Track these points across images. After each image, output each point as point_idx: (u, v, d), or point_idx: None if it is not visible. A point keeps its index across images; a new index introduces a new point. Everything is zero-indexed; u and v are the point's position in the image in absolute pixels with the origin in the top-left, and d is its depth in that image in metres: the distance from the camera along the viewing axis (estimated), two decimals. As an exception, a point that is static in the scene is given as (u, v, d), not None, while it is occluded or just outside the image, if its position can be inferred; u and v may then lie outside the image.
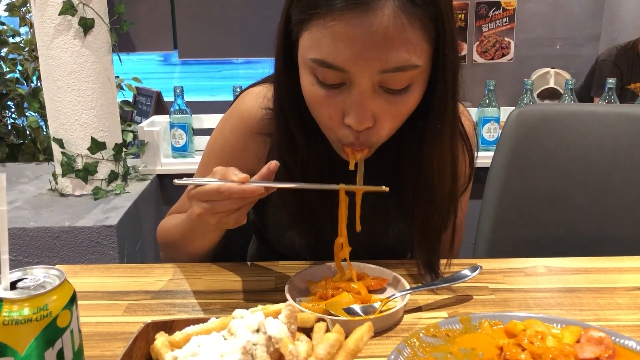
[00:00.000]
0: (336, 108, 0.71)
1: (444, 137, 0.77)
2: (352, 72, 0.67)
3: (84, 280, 0.83)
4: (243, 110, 0.89)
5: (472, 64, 4.96)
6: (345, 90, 0.69)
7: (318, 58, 0.68)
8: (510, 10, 4.94)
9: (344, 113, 0.70)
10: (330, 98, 0.70)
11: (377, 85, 0.68)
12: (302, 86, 0.74)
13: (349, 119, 0.70)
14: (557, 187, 1.18)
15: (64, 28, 1.69)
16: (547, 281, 0.83)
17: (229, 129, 0.91)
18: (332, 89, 0.70)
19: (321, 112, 0.73)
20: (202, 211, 0.70)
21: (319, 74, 0.69)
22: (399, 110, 0.71)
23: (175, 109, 2.04)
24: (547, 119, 1.18)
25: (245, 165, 0.87)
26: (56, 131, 1.77)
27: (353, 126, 0.70)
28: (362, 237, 0.90)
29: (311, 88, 0.71)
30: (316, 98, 0.72)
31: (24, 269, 0.58)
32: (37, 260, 1.56)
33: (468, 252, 1.22)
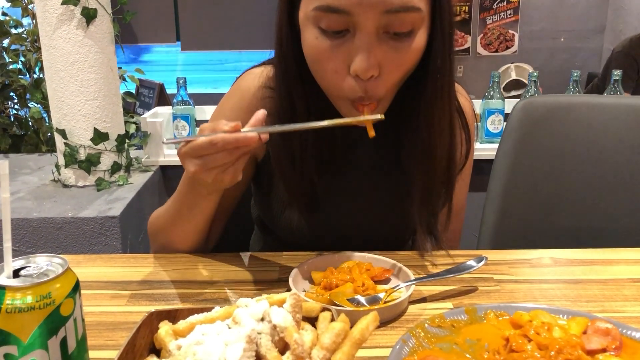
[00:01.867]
0: (341, 59, 0.70)
1: (442, 98, 0.78)
2: (357, 14, 0.67)
3: (87, 270, 0.83)
4: (243, 89, 0.89)
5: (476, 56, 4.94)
6: (349, 39, 0.69)
7: (322, 4, 0.67)
8: (514, 2, 4.91)
9: (350, 63, 0.70)
10: (335, 49, 0.70)
11: (382, 30, 0.68)
12: (305, 45, 0.73)
13: (355, 65, 0.69)
14: (562, 179, 1.17)
15: (66, 18, 1.68)
16: (553, 272, 0.82)
17: (229, 107, 0.90)
18: (336, 38, 0.69)
19: (326, 66, 0.72)
20: (196, 168, 0.67)
21: (323, 22, 0.69)
22: (403, 58, 0.71)
23: (178, 100, 2.03)
24: (552, 111, 1.17)
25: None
26: (59, 122, 1.77)
27: (360, 74, 0.69)
28: (364, 218, 0.90)
29: (315, 42, 0.71)
30: (320, 51, 0.71)
31: (27, 257, 0.57)
32: (40, 251, 1.56)
33: (472, 244, 1.22)
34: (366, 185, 0.91)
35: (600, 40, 4.91)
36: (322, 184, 0.86)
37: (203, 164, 0.67)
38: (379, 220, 0.93)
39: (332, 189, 0.88)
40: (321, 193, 0.87)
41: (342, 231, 0.92)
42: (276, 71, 0.83)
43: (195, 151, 0.66)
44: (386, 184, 0.90)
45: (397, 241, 0.97)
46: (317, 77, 0.76)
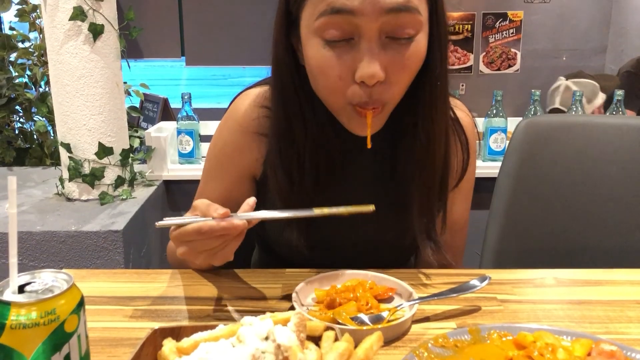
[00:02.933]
0: (346, 67, 0.72)
1: (439, 107, 0.81)
2: (360, 14, 0.68)
3: (90, 284, 0.83)
4: (239, 111, 0.90)
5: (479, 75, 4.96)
6: (353, 46, 0.71)
7: (327, 8, 0.69)
8: (517, 21, 4.95)
9: (354, 71, 0.72)
10: (340, 57, 0.72)
11: (384, 35, 0.71)
12: (309, 58, 0.75)
13: (361, 71, 0.71)
14: (564, 198, 1.17)
15: (73, 33, 1.70)
16: (556, 293, 0.82)
17: (226, 131, 0.92)
18: (340, 46, 0.71)
19: (330, 74, 0.73)
20: (184, 251, 0.69)
21: (327, 32, 0.71)
22: (407, 62, 0.73)
23: (183, 115, 2.04)
24: (555, 130, 1.18)
25: (244, 167, 0.90)
26: (64, 136, 1.78)
27: (365, 79, 0.71)
28: (363, 233, 0.91)
29: (320, 52, 0.72)
30: (325, 60, 0.72)
31: (32, 273, 0.58)
32: (43, 265, 1.57)
33: (475, 262, 1.22)
34: (364, 198, 0.91)
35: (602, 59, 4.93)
36: (320, 199, 0.87)
37: (192, 248, 0.68)
38: (379, 233, 0.93)
39: (331, 205, 0.89)
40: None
41: (343, 247, 0.92)
42: (273, 90, 0.84)
43: (185, 237, 0.68)
44: (384, 195, 0.91)
45: (400, 255, 0.97)
46: (320, 88, 0.77)
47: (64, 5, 1.68)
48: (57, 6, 1.68)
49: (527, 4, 4.78)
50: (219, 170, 0.93)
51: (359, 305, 0.72)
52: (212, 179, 0.95)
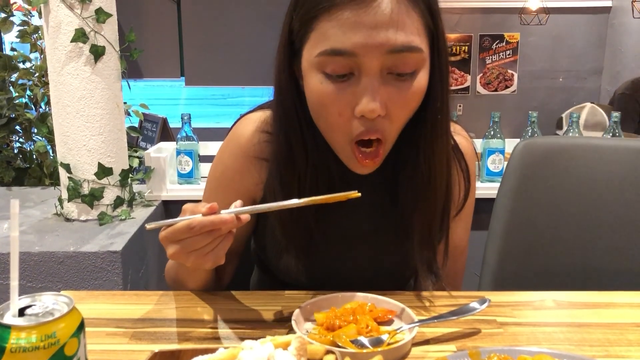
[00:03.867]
0: (346, 102, 0.72)
1: (441, 138, 0.81)
2: (361, 55, 0.69)
3: (89, 306, 0.83)
4: (240, 135, 0.90)
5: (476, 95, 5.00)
6: (354, 82, 0.72)
7: (327, 48, 0.70)
8: (513, 43, 5.00)
9: (354, 106, 0.72)
10: (340, 92, 0.72)
11: (386, 71, 0.71)
12: (309, 90, 0.75)
13: (362, 106, 0.71)
14: (563, 220, 1.17)
15: (75, 55, 1.71)
16: (556, 315, 0.82)
17: (227, 154, 0.92)
18: (341, 82, 0.72)
19: (331, 110, 0.74)
20: (174, 251, 0.68)
21: (328, 67, 0.71)
22: (407, 98, 0.73)
23: (182, 135, 2.05)
24: (553, 152, 1.19)
25: (245, 191, 0.90)
26: (64, 156, 1.78)
27: (366, 114, 0.71)
28: (363, 260, 0.91)
29: (320, 86, 0.73)
30: (325, 95, 0.73)
31: (33, 296, 0.58)
32: (41, 285, 1.56)
33: (474, 283, 1.22)
34: (364, 227, 0.91)
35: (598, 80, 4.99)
36: (320, 227, 0.87)
37: (181, 247, 0.68)
38: (378, 261, 0.93)
39: (330, 232, 0.89)
40: (318, 237, 0.88)
41: (342, 274, 0.92)
42: (274, 116, 0.85)
43: (174, 235, 0.67)
44: (385, 224, 0.91)
45: (399, 282, 0.97)
46: (321, 121, 0.78)
47: (66, 27, 1.70)
48: (59, 28, 1.70)
49: (524, 25, 4.84)
50: (219, 193, 0.94)
51: (359, 328, 0.72)
52: (212, 200, 0.94)
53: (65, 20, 1.69)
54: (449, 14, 4.89)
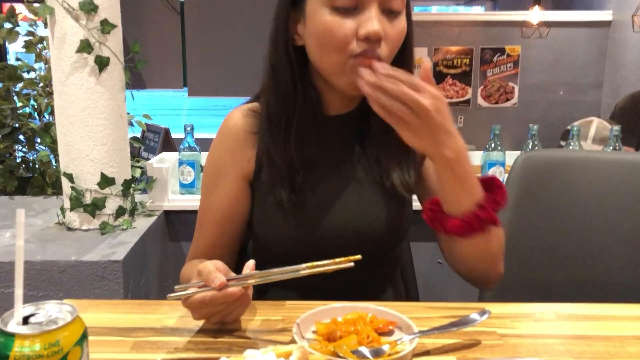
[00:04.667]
0: (351, 27, 0.86)
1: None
2: None
3: (91, 315, 0.83)
4: (227, 121, 1.02)
5: (477, 108, 5.02)
6: (357, 13, 0.86)
7: None
8: (514, 56, 5.03)
9: (359, 29, 0.85)
10: (346, 20, 0.86)
11: (380, 7, 0.86)
12: (316, 24, 0.88)
13: (366, 29, 0.85)
14: (563, 233, 1.18)
15: (79, 65, 1.73)
16: (557, 327, 0.82)
17: (218, 141, 1.02)
18: (346, 13, 0.86)
19: (337, 34, 0.86)
20: (199, 317, 0.78)
21: (337, 1, 0.85)
22: (396, 30, 0.89)
23: (185, 146, 2.06)
24: (553, 165, 1.20)
25: (239, 169, 1.00)
26: (67, 166, 1.79)
27: (370, 35, 0.85)
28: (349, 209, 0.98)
29: (328, 17, 0.86)
30: (333, 23, 0.86)
31: (37, 304, 0.58)
32: (42, 294, 1.56)
33: (474, 295, 1.22)
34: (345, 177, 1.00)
35: (598, 94, 5.00)
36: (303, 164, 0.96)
37: (203, 315, 0.78)
38: (364, 207, 0.98)
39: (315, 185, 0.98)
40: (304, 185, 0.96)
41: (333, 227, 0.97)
42: (268, 67, 0.97)
43: (193, 306, 0.76)
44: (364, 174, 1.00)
45: (391, 235, 1.01)
46: (325, 48, 0.89)
47: (71, 38, 1.71)
48: (65, 39, 1.72)
49: (524, 39, 4.86)
50: (217, 179, 1.01)
51: (359, 339, 0.72)
52: (211, 191, 1.02)
53: (71, 31, 1.71)
54: (450, 26, 4.91)
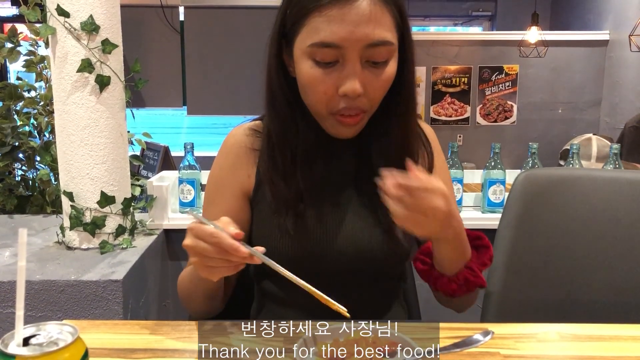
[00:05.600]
0: (331, 83, 0.86)
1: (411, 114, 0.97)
2: (345, 47, 0.84)
3: (91, 336, 0.82)
4: (229, 138, 1.04)
5: (476, 126, 5.04)
6: (338, 68, 0.86)
7: (317, 41, 0.84)
8: (512, 74, 5.06)
9: (338, 87, 0.86)
10: (327, 75, 0.86)
11: (364, 59, 0.85)
12: (300, 73, 0.89)
13: (345, 88, 0.85)
14: (565, 250, 1.18)
15: (80, 84, 1.74)
16: (560, 348, 0.82)
17: (220, 157, 1.04)
18: (327, 67, 0.86)
19: (317, 89, 0.87)
20: (189, 243, 0.78)
21: (318, 55, 0.85)
22: (382, 80, 0.88)
23: (185, 164, 2.06)
24: (554, 183, 1.20)
25: (239, 185, 1.01)
26: (67, 184, 1.79)
27: (348, 93, 0.85)
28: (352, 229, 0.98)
29: (310, 71, 0.87)
30: (314, 78, 0.87)
31: (38, 325, 0.58)
32: (41, 314, 1.55)
33: (476, 315, 1.21)
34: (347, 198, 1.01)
35: (597, 112, 5.03)
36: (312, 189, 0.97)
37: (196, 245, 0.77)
38: (366, 231, 0.98)
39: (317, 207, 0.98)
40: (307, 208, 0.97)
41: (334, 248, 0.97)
42: (267, 98, 0.98)
43: (198, 232, 0.76)
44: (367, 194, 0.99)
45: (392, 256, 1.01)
46: (308, 99, 0.91)
47: (72, 58, 1.73)
48: (66, 58, 1.73)
49: (523, 58, 4.91)
50: (217, 194, 1.02)
51: (361, 359, 0.71)
52: (211, 205, 1.04)
53: (72, 51, 1.72)
54: (448, 46, 4.96)
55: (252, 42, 5.18)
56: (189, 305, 1.02)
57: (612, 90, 4.80)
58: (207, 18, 5.28)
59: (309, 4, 0.85)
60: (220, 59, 5.32)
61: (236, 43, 5.26)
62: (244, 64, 5.23)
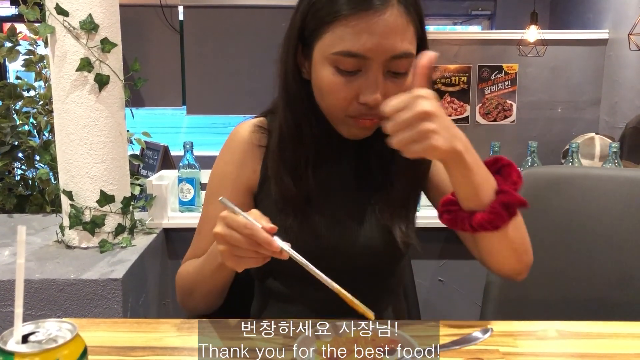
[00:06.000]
0: (352, 90, 0.86)
1: None
2: (370, 58, 0.84)
3: (90, 334, 0.83)
4: (235, 133, 1.03)
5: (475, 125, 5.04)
6: (360, 76, 0.86)
7: (343, 50, 0.84)
8: (512, 73, 5.06)
9: (359, 95, 0.86)
10: (348, 83, 0.86)
11: (386, 70, 0.86)
12: (319, 79, 0.89)
13: (365, 97, 0.86)
14: (564, 249, 1.18)
15: (79, 84, 1.74)
16: (559, 345, 0.82)
17: (225, 151, 1.04)
18: (349, 75, 0.86)
19: (338, 95, 0.87)
20: (221, 232, 0.78)
21: (341, 64, 0.85)
22: (401, 91, 0.84)
23: (185, 163, 2.06)
24: (553, 181, 1.20)
25: (245, 181, 1.01)
26: (66, 183, 1.79)
27: (369, 102, 0.86)
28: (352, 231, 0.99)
29: (331, 77, 0.87)
30: (335, 84, 0.87)
31: (36, 322, 0.58)
32: (40, 313, 1.55)
33: (476, 313, 1.21)
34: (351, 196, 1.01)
35: (596, 111, 5.03)
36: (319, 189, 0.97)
37: (228, 234, 0.77)
38: (367, 229, 0.99)
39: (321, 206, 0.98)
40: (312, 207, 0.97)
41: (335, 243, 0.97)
42: (281, 99, 0.96)
43: (231, 222, 0.77)
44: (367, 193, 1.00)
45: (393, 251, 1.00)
46: (325, 103, 0.91)
47: (71, 57, 1.72)
48: (65, 57, 1.73)
49: (522, 57, 4.90)
50: (221, 189, 1.02)
51: (361, 358, 0.71)
52: (214, 200, 1.02)
53: (71, 50, 1.72)
54: (448, 45, 4.95)
55: (252, 41, 5.17)
56: (189, 301, 1.01)
57: (611, 89, 4.79)
58: (207, 17, 5.27)
59: (335, 12, 0.84)
60: (220, 59, 5.31)
61: (236, 43, 5.26)
62: (244, 64, 5.23)
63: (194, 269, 0.98)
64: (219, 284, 0.96)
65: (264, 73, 5.09)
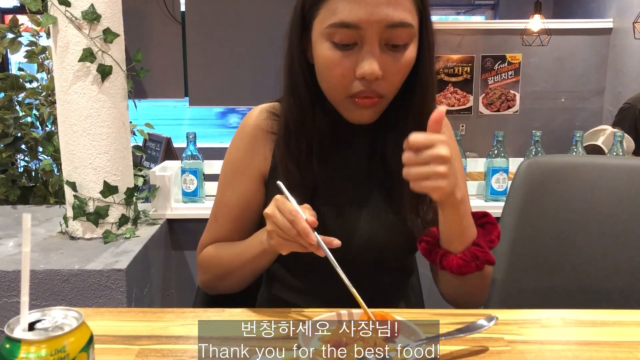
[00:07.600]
0: (349, 66, 0.85)
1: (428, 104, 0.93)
2: (364, 28, 0.82)
3: (96, 323, 0.83)
4: (247, 119, 1.03)
5: (478, 115, 5.03)
6: (357, 50, 0.84)
7: (336, 21, 0.83)
8: (515, 63, 5.04)
9: (356, 69, 0.84)
10: (345, 58, 0.85)
11: (383, 42, 0.84)
12: (318, 56, 0.88)
13: (362, 69, 0.84)
14: (568, 238, 1.17)
15: (82, 74, 1.73)
16: (564, 333, 0.82)
17: (238, 138, 1.04)
18: (346, 49, 0.84)
19: (335, 72, 0.86)
20: (270, 213, 0.82)
21: (336, 37, 0.84)
22: (401, 64, 0.86)
23: (187, 154, 2.06)
24: (556, 170, 1.19)
25: (256, 168, 1.01)
26: (69, 174, 1.79)
27: (366, 75, 0.84)
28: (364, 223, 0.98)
29: (327, 52, 0.85)
30: (332, 60, 0.85)
31: (43, 310, 0.58)
32: (45, 304, 1.55)
33: (480, 302, 1.21)
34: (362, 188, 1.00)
35: (600, 101, 5.00)
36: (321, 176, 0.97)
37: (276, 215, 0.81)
38: (379, 222, 0.98)
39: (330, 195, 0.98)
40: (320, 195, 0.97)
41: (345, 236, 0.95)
42: (286, 86, 0.96)
43: (281, 205, 0.81)
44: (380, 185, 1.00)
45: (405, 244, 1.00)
46: (325, 83, 0.90)
47: (74, 47, 1.72)
48: (67, 48, 1.72)
49: (525, 47, 4.88)
50: (235, 175, 1.02)
51: (365, 346, 0.71)
52: (228, 186, 1.03)
53: (74, 40, 1.72)
54: (451, 35, 4.93)
55: (254, 32, 5.16)
56: (220, 283, 1.02)
57: (615, 78, 4.77)
58: (209, 8, 5.25)
59: None
60: (222, 50, 5.30)
61: (238, 33, 5.24)
62: (246, 55, 5.22)
63: (229, 254, 0.99)
64: (259, 267, 0.97)
65: (267, 64, 5.10)
